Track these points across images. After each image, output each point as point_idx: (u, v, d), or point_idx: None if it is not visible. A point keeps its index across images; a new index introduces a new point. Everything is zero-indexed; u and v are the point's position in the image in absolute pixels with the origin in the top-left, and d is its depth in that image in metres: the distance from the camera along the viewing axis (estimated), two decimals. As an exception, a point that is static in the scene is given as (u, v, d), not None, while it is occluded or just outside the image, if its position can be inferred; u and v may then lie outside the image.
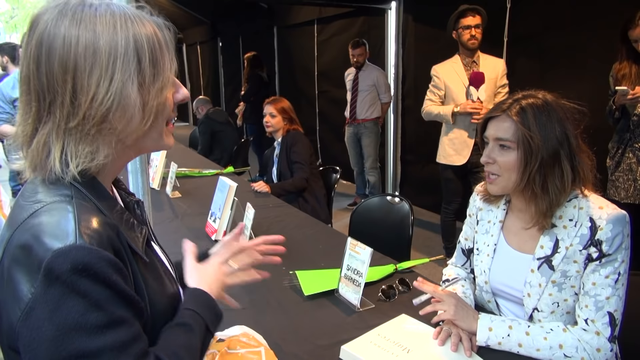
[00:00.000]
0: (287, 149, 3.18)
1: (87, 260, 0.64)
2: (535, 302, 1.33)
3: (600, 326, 1.24)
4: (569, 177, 1.25)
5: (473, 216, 1.55)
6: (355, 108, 4.99)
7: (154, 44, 0.74)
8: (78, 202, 0.70)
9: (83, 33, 0.68)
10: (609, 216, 1.23)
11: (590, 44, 3.32)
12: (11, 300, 0.65)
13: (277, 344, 1.34)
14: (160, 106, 0.76)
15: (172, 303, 0.85)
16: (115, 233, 0.71)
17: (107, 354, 0.64)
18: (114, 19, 0.71)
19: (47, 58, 0.68)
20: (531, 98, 1.28)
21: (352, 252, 1.59)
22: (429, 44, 4.78)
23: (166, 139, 0.81)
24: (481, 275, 1.46)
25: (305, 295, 1.63)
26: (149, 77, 0.73)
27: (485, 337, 1.28)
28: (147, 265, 0.79)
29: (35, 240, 0.65)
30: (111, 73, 0.69)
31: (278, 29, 7.53)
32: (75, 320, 0.63)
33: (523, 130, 1.24)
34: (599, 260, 1.24)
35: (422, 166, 5.13)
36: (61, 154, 0.70)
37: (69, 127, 0.70)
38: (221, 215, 2.18)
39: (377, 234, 2.38)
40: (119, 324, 0.66)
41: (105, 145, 0.72)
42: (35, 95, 0.70)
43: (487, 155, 1.32)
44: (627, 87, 2.53)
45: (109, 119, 0.70)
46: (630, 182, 2.66)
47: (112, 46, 0.69)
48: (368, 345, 1.29)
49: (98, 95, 0.69)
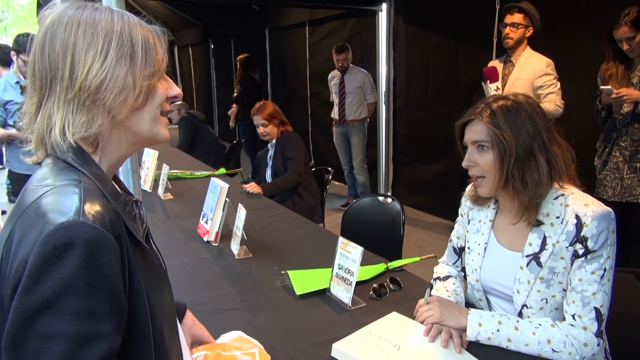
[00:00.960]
0: (282, 149, 3.20)
1: (86, 237, 0.66)
2: (524, 299, 1.35)
3: (587, 321, 1.26)
4: (544, 169, 1.30)
5: (464, 215, 1.57)
6: (344, 109, 5.13)
7: (147, 37, 0.83)
8: (85, 186, 0.74)
9: (83, 22, 0.78)
10: (594, 213, 1.26)
11: (578, 45, 3.37)
12: (11, 274, 0.67)
13: (269, 343, 1.35)
14: (151, 88, 0.83)
15: (167, 297, 0.87)
16: (117, 219, 0.74)
17: (67, 343, 0.64)
18: (112, 14, 0.81)
19: (50, 42, 0.77)
20: (501, 100, 1.35)
21: (343, 252, 1.61)
22: (420, 46, 4.82)
23: (161, 127, 0.86)
24: (472, 273, 1.48)
25: (297, 295, 1.64)
26: (141, 61, 0.81)
27: (475, 333, 1.30)
28: (145, 255, 0.81)
29: (41, 217, 0.68)
30: (106, 51, 0.78)
31: (270, 30, 7.54)
32: (50, 300, 0.64)
33: (494, 130, 1.30)
34: (585, 257, 1.27)
35: (413, 167, 5.16)
36: (61, 124, 0.77)
37: (67, 98, 0.77)
38: (213, 217, 2.18)
39: (368, 234, 2.40)
40: (90, 315, 0.66)
41: (98, 116, 0.78)
42: (39, 75, 0.78)
43: (467, 159, 1.37)
44: (613, 86, 2.57)
45: (101, 91, 0.77)
46: (617, 181, 2.70)
47: (108, 30, 0.79)
48: (359, 342, 1.31)
49: (93, 69, 0.77)
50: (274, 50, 7.56)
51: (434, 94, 4.74)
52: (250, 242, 2.06)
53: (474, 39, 4.19)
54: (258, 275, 1.84)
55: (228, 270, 1.90)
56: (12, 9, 24.97)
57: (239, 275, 1.85)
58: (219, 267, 1.94)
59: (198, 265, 1.95)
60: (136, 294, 0.75)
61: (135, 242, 0.78)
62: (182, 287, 1.76)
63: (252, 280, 1.81)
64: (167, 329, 0.84)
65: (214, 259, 2.03)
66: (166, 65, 0.86)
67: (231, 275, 1.86)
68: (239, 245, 2.01)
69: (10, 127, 3.22)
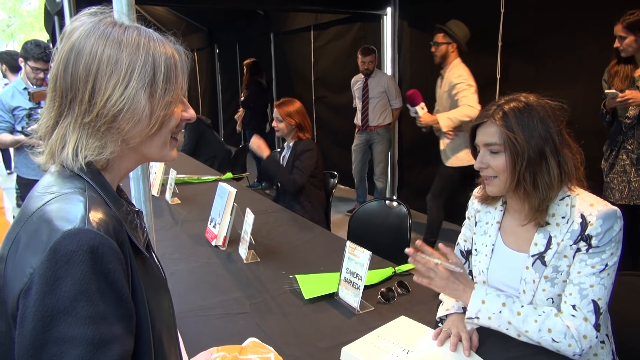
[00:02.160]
0: (295, 156, 3.09)
1: (92, 244, 0.68)
2: (530, 298, 1.35)
3: (586, 313, 1.27)
4: (555, 173, 1.30)
5: (472, 218, 1.58)
6: (367, 115, 4.92)
7: (171, 64, 0.82)
8: (90, 194, 0.76)
9: (109, 46, 0.78)
10: (599, 212, 1.27)
11: (583, 47, 3.37)
12: (16, 280, 0.69)
13: (279, 347, 1.36)
14: (167, 117, 0.84)
15: (166, 304, 0.89)
16: (120, 226, 0.76)
17: (84, 347, 0.66)
18: (139, 38, 0.81)
19: (75, 62, 0.78)
20: (513, 102, 1.34)
21: (351, 256, 1.62)
22: (425, 49, 4.81)
23: (170, 151, 0.88)
24: (480, 275, 1.49)
25: (305, 299, 1.65)
26: (160, 91, 0.81)
27: (477, 309, 1.29)
28: (145, 263, 0.83)
29: (46, 224, 0.70)
30: (127, 81, 0.78)
31: (275, 35, 7.57)
32: (65, 305, 0.65)
33: (507, 133, 1.29)
34: (587, 252, 1.28)
35: (419, 170, 5.16)
36: (74, 145, 0.78)
37: (84, 122, 0.78)
38: (221, 221, 2.20)
39: (375, 238, 2.40)
40: (103, 319, 0.68)
41: (112, 143, 0.79)
42: (59, 92, 0.79)
43: (480, 162, 1.37)
44: (617, 84, 2.59)
45: (118, 120, 0.78)
46: (624, 184, 2.69)
47: (132, 60, 0.79)
48: (368, 346, 1.31)
49: (112, 97, 0.77)
50: (279, 55, 7.59)
51: (440, 97, 4.74)
52: (258, 246, 2.07)
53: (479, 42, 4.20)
54: (266, 280, 1.85)
55: (236, 275, 1.92)
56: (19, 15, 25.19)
57: (247, 280, 1.86)
58: (227, 272, 1.95)
59: (206, 270, 1.97)
60: (137, 300, 0.76)
61: (136, 250, 0.80)
62: (190, 291, 1.77)
63: (261, 284, 1.82)
64: (167, 335, 0.86)
65: (222, 263, 2.04)
66: (185, 90, 0.87)
67: (239, 280, 1.87)
68: (247, 249, 2.02)
69: (18, 133, 3.25)
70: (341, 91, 6.00)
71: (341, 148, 6.14)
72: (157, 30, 0.86)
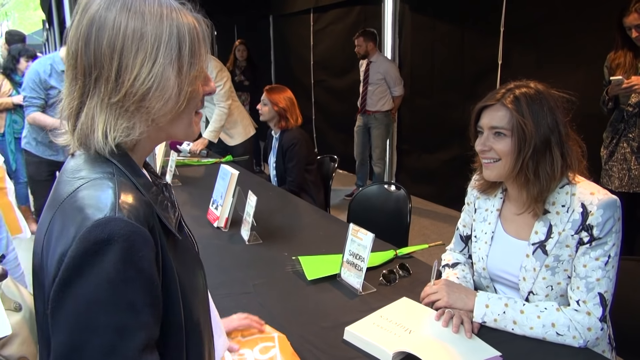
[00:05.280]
0: (283, 152, 3.08)
1: (123, 233, 0.67)
2: (530, 286, 1.38)
3: (591, 307, 1.29)
4: (558, 164, 1.30)
5: (471, 204, 1.59)
6: (365, 99, 4.95)
7: (194, 35, 0.79)
8: (119, 179, 0.74)
9: (132, 18, 0.74)
10: (600, 201, 1.28)
11: (585, 34, 3.36)
12: (50, 267, 0.69)
13: (283, 326, 1.38)
14: (193, 93, 0.81)
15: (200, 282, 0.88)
16: (150, 211, 0.74)
17: (110, 334, 0.67)
18: (161, 9, 0.77)
19: (97, 37, 0.74)
20: (524, 87, 1.33)
21: (354, 238, 1.63)
22: (426, 34, 4.80)
23: (194, 127, 0.86)
24: (479, 262, 1.51)
25: (308, 280, 1.67)
26: (187, 65, 0.78)
27: (482, 314, 1.33)
28: (177, 245, 0.81)
29: (77, 212, 0.69)
30: (154, 56, 0.75)
31: (274, 17, 7.51)
32: (92, 294, 0.66)
33: (518, 118, 1.28)
34: (590, 244, 1.29)
35: (417, 155, 5.18)
36: (104, 127, 0.75)
37: (111, 102, 0.75)
38: (223, 203, 2.21)
39: (375, 222, 2.42)
40: (130, 308, 0.68)
41: (141, 123, 0.77)
42: (81, 70, 0.76)
43: (482, 144, 1.36)
44: (621, 76, 2.58)
45: (147, 98, 0.75)
46: (624, 172, 2.72)
47: (157, 33, 0.75)
48: (371, 326, 1.34)
49: (140, 76, 0.74)
50: (278, 38, 7.53)
51: (439, 82, 4.73)
52: (260, 228, 2.09)
53: (481, 27, 4.18)
54: (269, 261, 1.87)
55: (239, 256, 1.94)
56: (12, -7, 24.78)
57: (249, 261, 1.88)
58: (229, 253, 1.97)
59: (209, 251, 1.98)
60: (169, 280, 0.76)
61: (168, 231, 0.78)
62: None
63: (263, 265, 1.84)
64: (202, 313, 0.86)
65: (224, 244, 2.06)
66: (207, 62, 0.84)
67: (242, 261, 1.89)
68: (249, 231, 2.04)
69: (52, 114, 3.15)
70: (340, 75, 5.98)
71: (340, 132, 6.15)
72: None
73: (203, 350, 0.85)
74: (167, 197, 0.84)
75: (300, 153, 3.04)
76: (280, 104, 3.08)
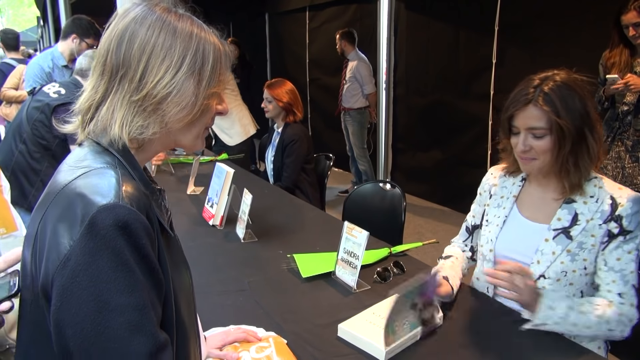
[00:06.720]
0: (283, 147, 3.06)
1: (127, 219, 0.71)
2: (544, 269, 1.39)
3: (632, 299, 1.34)
4: (595, 149, 1.34)
5: (484, 193, 1.62)
6: (341, 96, 5.15)
7: (218, 55, 0.86)
8: (122, 170, 0.78)
9: (164, 30, 0.81)
10: (629, 195, 1.34)
11: (579, 33, 3.38)
12: (52, 252, 0.71)
13: (277, 324, 1.39)
14: (208, 107, 0.86)
15: (187, 280, 0.92)
16: (149, 203, 0.78)
17: (130, 312, 0.70)
18: (192, 27, 0.84)
19: (129, 40, 0.80)
20: (550, 81, 1.33)
21: (349, 236, 1.64)
22: (421, 32, 4.82)
23: (201, 140, 0.91)
24: (487, 243, 1.53)
25: (303, 278, 1.68)
26: (207, 80, 0.84)
27: (547, 317, 1.29)
28: (169, 241, 0.85)
29: (80, 198, 0.72)
30: (179, 66, 0.81)
31: (270, 15, 7.50)
32: (108, 275, 0.69)
33: (554, 117, 1.30)
34: (623, 237, 1.33)
35: (412, 154, 5.19)
36: (121, 122, 0.80)
37: (132, 100, 0.80)
38: (218, 201, 2.21)
39: (370, 220, 2.42)
40: (142, 287, 0.72)
41: (155, 124, 0.82)
42: (109, 68, 0.81)
43: (522, 144, 1.36)
44: (617, 74, 2.59)
45: (166, 102, 0.81)
46: (618, 170, 2.74)
47: (185, 47, 0.82)
48: (364, 323, 1.35)
49: (163, 80, 0.80)
50: (274, 36, 7.53)
51: (434, 81, 4.75)
52: (255, 226, 2.09)
53: (476, 25, 4.20)
54: (264, 259, 1.87)
55: (234, 254, 1.94)
56: (6, -10, 24.60)
57: (245, 259, 1.89)
58: (224, 251, 1.97)
59: (204, 248, 1.99)
60: (163, 274, 0.79)
61: (161, 227, 0.82)
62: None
63: (258, 263, 1.84)
64: (187, 311, 0.89)
65: (220, 242, 2.06)
66: (227, 83, 0.90)
67: (237, 259, 1.89)
68: (245, 229, 2.04)
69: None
70: (335, 73, 5.98)
71: (335, 130, 6.14)
72: (205, 22, 0.88)
73: (189, 347, 0.88)
74: (161, 200, 0.88)
75: (299, 150, 3.04)
76: (284, 98, 3.06)
